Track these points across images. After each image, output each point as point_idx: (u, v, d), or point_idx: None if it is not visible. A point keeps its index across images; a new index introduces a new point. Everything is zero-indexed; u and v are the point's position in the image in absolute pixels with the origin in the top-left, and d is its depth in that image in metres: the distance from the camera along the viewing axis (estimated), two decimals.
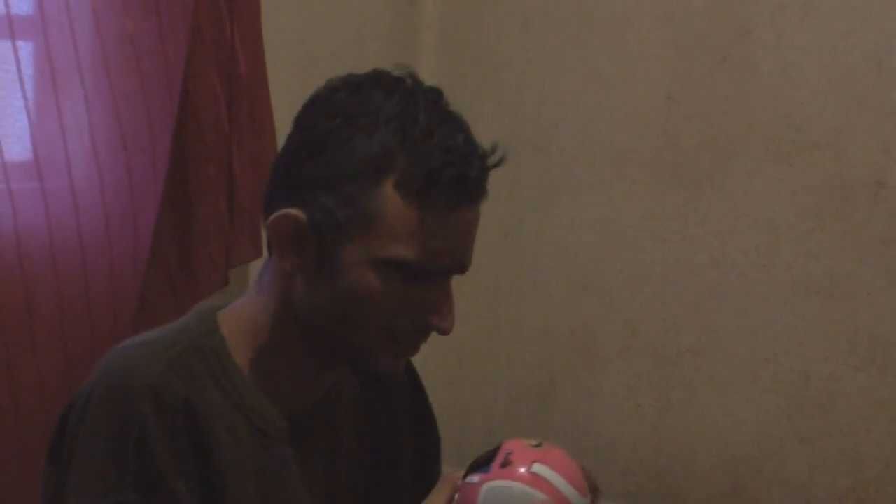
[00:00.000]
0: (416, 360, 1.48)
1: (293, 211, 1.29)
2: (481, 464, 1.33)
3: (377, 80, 1.32)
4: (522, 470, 1.31)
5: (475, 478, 1.32)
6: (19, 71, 2.30)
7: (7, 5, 2.28)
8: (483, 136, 1.37)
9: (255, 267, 2.46)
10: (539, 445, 1.34)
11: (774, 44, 2.51)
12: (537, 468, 1.32)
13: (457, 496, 1.34)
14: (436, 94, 1.34)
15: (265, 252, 1.38)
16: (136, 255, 2.45)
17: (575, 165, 2.79)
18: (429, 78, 3.21)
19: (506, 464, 1.32)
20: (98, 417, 1.29)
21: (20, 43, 2.32)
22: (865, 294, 2.41)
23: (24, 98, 2.32)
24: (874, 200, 2.39)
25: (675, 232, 2.64)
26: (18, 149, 2.36)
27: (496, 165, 1.36)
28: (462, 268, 1.32)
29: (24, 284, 2.32)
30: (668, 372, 2.65)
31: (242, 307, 1.38)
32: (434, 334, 1.35)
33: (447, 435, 1.64)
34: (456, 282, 1.57)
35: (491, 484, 1.31)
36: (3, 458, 2.28)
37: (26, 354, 2.31)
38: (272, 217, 1.30)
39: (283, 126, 1.46)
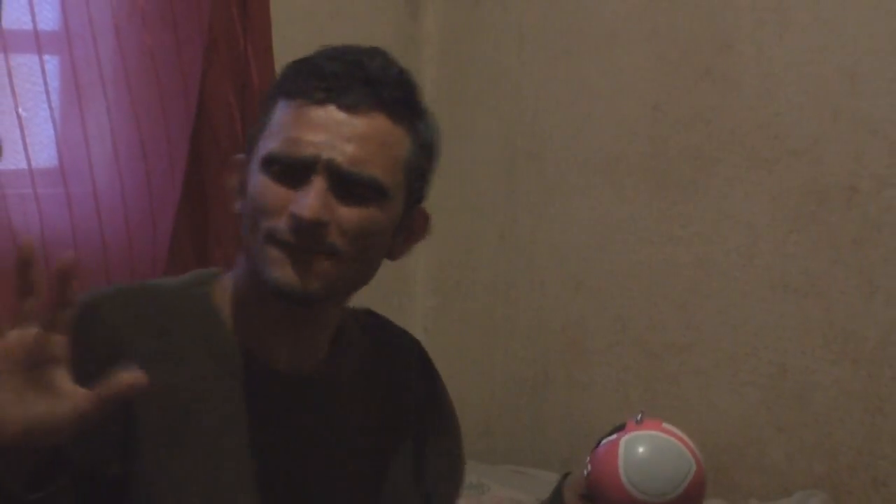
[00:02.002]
0: None
1: (237, 156, 1.34)
2: (610, 433, 1.33)
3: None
4: (657, 425, 1.33)
5: (611, 437, 1.32)
6: (45, 83, 2.31)
7: (34, 22, 2.29)
8: (479, 143, 1.38)
9: None
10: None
11: (754, 58, 2.51)
12: (667, 426, 1.33)
13: (589, 464, 1.32)
14: (374, 48, 1.36)
15: None
16: (155, 255, 2.45)
17: (567, 171, 2.80)
18: (429, 88, 3.24)
19: (640, 422, 1.33)
20: None
21: (46, 57, 2.33)
22: (839, 292, 2.41)
23: (50, 108, 2.33)
24: (847, 204, 2.40)
25: (662, 234, 2.65)
26: (45, 156, 2.37)
27: (396, 84, 1.32)
28: (334, 165, 1.26)
29: (50, 283, 2.32)
30: (655, 365, 2.66)
31: (233, 273, 1.37)
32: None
33: None
34: (455, 281, 1.58)
35: (630, 436, 1.31)
36: None
37: None
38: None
39: None
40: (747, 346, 2.53)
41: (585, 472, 1.33)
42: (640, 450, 1.30)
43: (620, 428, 1.33)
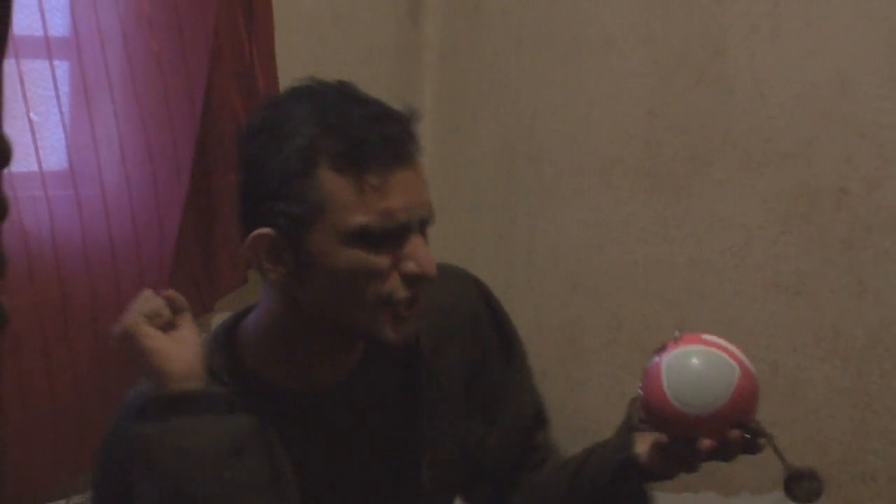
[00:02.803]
0: None
1: (259, 230, 1.31)
2: (653, 355, 1.34)
3: (289, 93, 1.35)
4: (697, 338, 1.33)
5: (653, 360, 1.33)
6: (56, 88, 2.32)
7: (45, 28, 2.29)
8: (479, 146, 1.39)
9: None
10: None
11: (747, 63, 2.52)
12: (708, 337, 1.33)
13: (640, 389, 1.33)
14: (342, 85, 1.35)
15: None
16: (162, 255, 2.46)
17: (565, 173, 2.80)
18: (430, 93, 3.24)
19: (678, 339, 1.33)
20: (101, 461, 1.39)
21: (56, 62, 2.33)
22: (829, 291, 2.42)
23: (60, 113, 2.33)
24: (838, 206, 2.40)
25: (656, 234, 2.65)
26: (55, 159, 2.37)
27: (413, 120, 1.34)
28: (422, 221, 1.33)
29: (60, 282, 2.33)
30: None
31: (256, 318, 1.41)
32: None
33: None
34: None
35: (670, 355, 1.32)
36: (40, 436, 2.29)
37: (61, 345, 2.33)
38: (246, 242, 1.33)
39: None
40: (740, 344, 2.52)
41: (637, 397, 1.34)
42: (681, 366, 1.30)
43: (662, 349, 1.33)
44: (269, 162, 1.30)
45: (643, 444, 1.41)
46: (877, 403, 2.37)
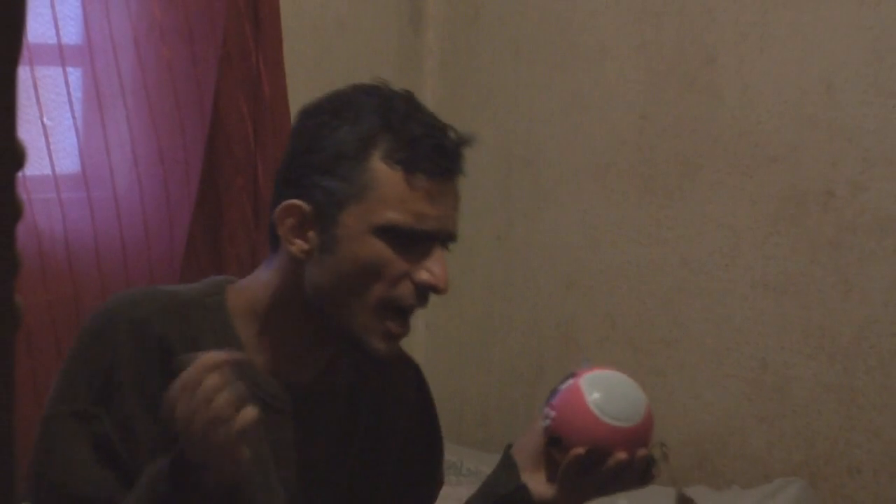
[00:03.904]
0: (419, 352, 1.48)
1: (295, 201, 1.30)
2: (562, 382, 1.35)
3: (356, 87, 1.34)
4: (604, 368, 1.37)
5: (567, 383, 1.34)
6: (69, 94, 2.32)
7: (58, 36, 2.29)
8: (479, 150, 1.38)
9: None
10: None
11: (736, 70, 2.52)
12: (608, 366, 1.38)
13: (551, 410, 1.32)
14: (409, 93, 1.34)
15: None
16: (172, 255, 2.46)
17: (560, 177, 2.80)
18: (430, 99, 3.25)
19: (589, 366, 1.37)
20: (84, 340, 1.31)
21: (70, 69, 2.33)
22: (816, 291, 2.42)
23: (73, 118, 2.33)
24: (824, 208, 2.40)
25: (649, 235, 2.65)
26: (68, 163, 2.37)
27: (468, 142, 1.33)
28: (448, 234, 1.32)
29: (73, 282, 2.33)
30: (643, 360, 2.66)
31: (248, 284, 1.37)
32: (431, 305, 1.35)
33: (446, 418, 1.64)
34: (454, 280, 1.58)
35: (589, 374, 1.35)
36: None
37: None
38: (278, 208, 1.31)
39: None
40: (730, 342, 2.53)
41: (546, 423, 1.33)
42: (602, 383, 1.34)
43: (571, 375, 1.35)
44: (325, 138, 1.29)
45: (530, 479, 1.36)
46: (862, 399, 2.37)
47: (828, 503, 2.40)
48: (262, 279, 1.35)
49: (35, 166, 2.28)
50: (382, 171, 1.28)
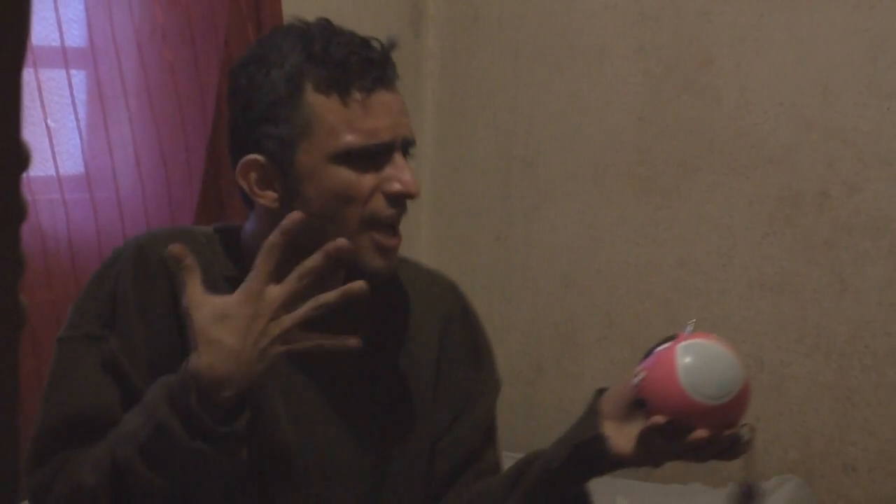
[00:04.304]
0: None
1: (249, 156, 1.32)
2: (662, 342, 1.30)
3: (273, 31, 1.37)
4: (707, 335, 1.30)
5: (664, 345, 1.29)
6: (72, 96, 2.31)
7: (62, 39, 2.29)
8: (478, 151, 1.39)
9: None
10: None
11: (733, 72, 2.52)
12: (716, 336, 1.31)
13: (643, 370, 1.29)
14: (325, 20, 1.36)
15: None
16: None
17: (559, 178, 2.80)
18: (431, 101, 3.24)
19: (691, 333, 1.30)
20: (98, 270, 1.35)
21: (73, 71, 2.33)
22: (812, 290, 2.42)
23: (77, 119, 2.33)
24: (820, 209, 2.41)
25: (646, 236, 2.65)
26: (71, 164, 2.37)
27: (392, 47, 1.35)
28: (404, 140, 1.32)
29: (76, 281, 2.33)
30: (640, 358, 2.65)
31: (249, 232, 1.38)
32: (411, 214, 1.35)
33: None
34: (455, 280, 1.58)
35: (686, 343, 1.28)
36: None
37: None
38: (237, 169, 1.33)
39: None
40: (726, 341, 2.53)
41: (637, 380, 1.29)
42: (697, 355, 1.27)
43: (673, 338, 1.30)
44: (257, 89, 1.31)
45: (611, 429, 1.31)
46: (857, 397, 2.37)
47: (823, 501, 2.40)
48: (249, 231, 1.38)
49: (39, 167, 2.28)
50: (319, 102, 1.29)
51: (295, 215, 1.21)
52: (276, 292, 1.19)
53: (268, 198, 1.32)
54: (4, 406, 0.54)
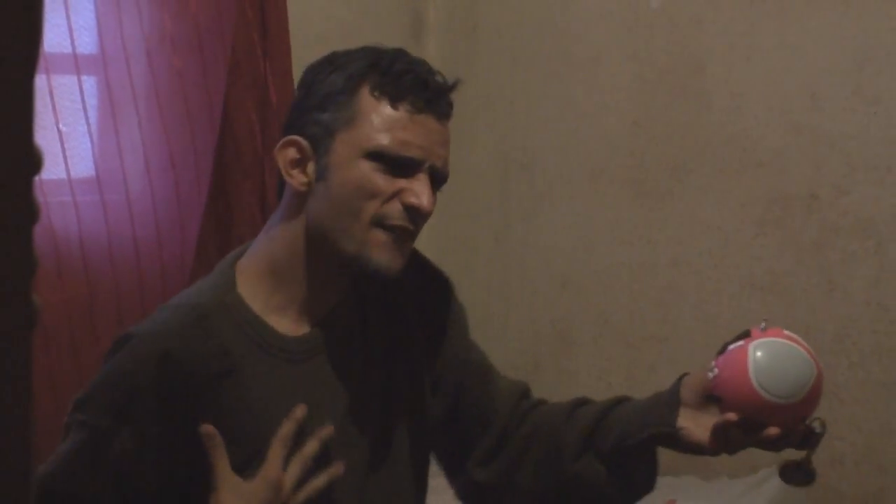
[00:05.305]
0: None
1: (292, 136, 1.36)
2: (736, 339, 1.30)
3: (347, 48, 1.41)
4: (780, 332, 1.30)
5: (737, 343, 1.29)
6: (83, 101, 2.32)
7: (73, 46, 2.29)
8: (477, 155, 1.40)
9: None
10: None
11: (725, 78, 2.52)
12: (789, 333, 1.30)
13: (715, 366, 1.29)
14: (400, 48, 1.40)
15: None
16: (183, 256, 2.46)
17: (556, 181, 2.80)
18: None
19: (764, 330, 1.30)
20: (112, 364, 1.33)
21: (84, 77, 2.33)
22: (801, 290, 2.42)
23: (88, 124, 2.33)
24: (808, 211, 2.40)
25: (640, 237, 2.65)
26: (82, 167, 2.37)
27: (453, 86, 1.40)
28: (434, 169, 1.35)
29: (87, 282, 2.33)
30: (635, 356, 2.66)
31: (258, 248, 1.39)
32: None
33: None
34: (454, 280, 1.58)
35: (758, 342, 1.28)
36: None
37: (88, 340, 2.33)
38: (278, 145, 1.36)
39: None
40: (718, 339, 2.51)
41: (711, 375, 1.30)
42: (768, 354, 1.27)
43: (746, 335, 1.30)
44: (319, 83, 1.36)
45: (688, 418, 1.35)
46: (844, 393, 2.36)
47: (811, 493, 2.40)
48: (271, 236, 1.39)
49: (51, 171, 2.29)
50: (369, 102, 1.33)
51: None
52: (288, 482, 1.30)
53: (298, 179, 1.35)
54: (19, 402, 0.54)
